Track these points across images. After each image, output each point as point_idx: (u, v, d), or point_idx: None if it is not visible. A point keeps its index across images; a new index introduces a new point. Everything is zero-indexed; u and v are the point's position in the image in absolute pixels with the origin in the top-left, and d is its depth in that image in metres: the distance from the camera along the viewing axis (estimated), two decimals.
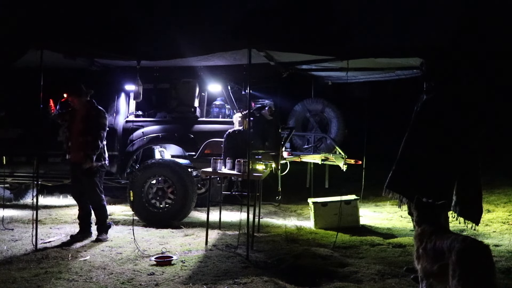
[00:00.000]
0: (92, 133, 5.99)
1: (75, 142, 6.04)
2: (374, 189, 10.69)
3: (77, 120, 6.08)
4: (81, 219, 6.19)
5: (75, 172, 6.11)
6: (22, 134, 7.83)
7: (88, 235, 6.12)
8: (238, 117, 7.02)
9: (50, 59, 6.01)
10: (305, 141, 8.79)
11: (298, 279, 4.61)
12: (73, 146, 6.06)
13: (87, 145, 5.93)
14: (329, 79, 8.91)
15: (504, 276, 4.58)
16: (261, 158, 6.62)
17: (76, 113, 6.14)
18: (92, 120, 6.04)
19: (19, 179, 8.18)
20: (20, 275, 4.50)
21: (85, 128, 6.01)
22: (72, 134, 6.08)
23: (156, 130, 7.59)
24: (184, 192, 7.03)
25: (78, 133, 6.02)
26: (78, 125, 6.06)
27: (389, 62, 6.94)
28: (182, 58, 6.32)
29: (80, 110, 6.12)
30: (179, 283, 4.37)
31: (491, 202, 8.89)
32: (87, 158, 5.93)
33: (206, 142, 7.30)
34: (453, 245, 3.27)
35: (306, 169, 8.91)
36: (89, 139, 5.95)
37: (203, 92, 7.88)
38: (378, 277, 4.58)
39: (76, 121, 6.10)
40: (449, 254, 3.27)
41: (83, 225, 6.18)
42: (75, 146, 6.04)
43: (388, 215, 8.28)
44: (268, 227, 7.23)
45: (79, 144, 5.98)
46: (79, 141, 5.99)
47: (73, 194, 6.30)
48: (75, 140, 6.05)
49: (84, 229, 6.16)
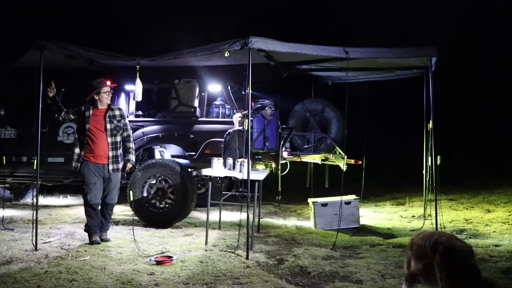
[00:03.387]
0: (123, 133, 6.05)
1: (102, 143, 5.91)
2: (374, 189, 10.74)
3: (101, 119, 5.94)
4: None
5: (100, 174, 5.93)
6: (22, 134, 7.84)
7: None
8: (238, 117, 7.02)
9: (50, 59, 6.01)
10: (305, 141, 8.79)
11: (298, 279, 4.62)
12: (98, 146, 5.90)
13: (126, 146, 6.07)
14: (329, 79, 8.92)
15: (504, 276, 4.58)
16: (261, 158, 6.63)
17: (97, 112, 5.96)
18: (119, 119, 6.03)
19: (19, 179, 8.18)
20: (20, 275, 4.50)
21: (114, 128, 5.97)
22: (95, 134, 5.90)
23: (156, 130, 7.59)
24: (184, 192, 7.02)
25: (106, 133, 5.92)
26: (103, 124, 5.93)
27: (389, 62, 6.94)
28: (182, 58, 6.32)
29: (102, 108, 5.99)
30: (179, 283, 4.37)
31: (491, 202, 8.90)
32: (130, 159, 6.06)
33: (206, 142, 7.31)
34: (437, 246, 3.26)
35: (306, 169, 8.92)
36: (118, 139, 6.00)
37: (203, 92, 7.88)
38: (378, 277, 4.58)
39: (98, 120, 5.93)
40: (432, 254, 3.27)
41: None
42: (102, 146, 5.91)
43: (388, 215, 8.28)
44: (268, 227, 7.23)
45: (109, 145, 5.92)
46: (108, 141, 5.92)
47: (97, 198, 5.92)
48: (102, 140, 5.91)
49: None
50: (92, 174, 5.89)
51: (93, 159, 5.90)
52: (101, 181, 5.96)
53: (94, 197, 5.90)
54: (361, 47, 6.21)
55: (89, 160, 5.89)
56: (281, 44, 5.73)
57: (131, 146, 6.16)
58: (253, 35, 5.38)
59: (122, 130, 6.09)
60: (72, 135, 7.71)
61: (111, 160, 5.97)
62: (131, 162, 6.16)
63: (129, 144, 6.15)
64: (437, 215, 6.03)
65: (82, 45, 6.28)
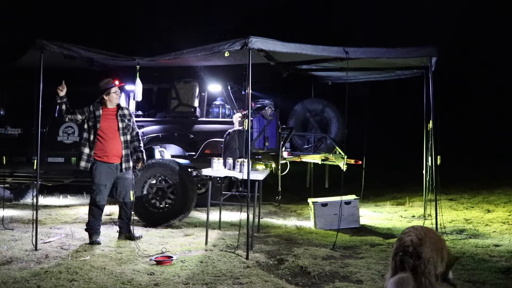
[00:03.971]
0: (132, 132, 6.11)
1: (116, 142, 5.93)
2: (374, 189, 10.74)
3: (112, 118, 5.95)
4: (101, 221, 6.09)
5: (112, 175, 5.94)
6: (22, 134, 7.85)
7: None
8: (238, 117, 7.02)
9: (50, 59, 6.01)
10: (305, 141, 8.79)
11: (298, 279, 4.62)
12: (112, 146, 5.90)
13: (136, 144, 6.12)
14: (329, 79, 8.93)
15: (504, 276, 4.58)
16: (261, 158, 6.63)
17: (108, 111, 5.98)
18: (129, 118, 6.09)
19: (19, 179, 8.18)
20: (20, 275, 4.50)
21: (126, 126, 6.01)
22: (108, 133, 5.90)
23: (156, 130, 7.59)
24: (184, 192, 7.03)
25: (119, 132, 5.95)
26: (115, 123, 5.96)
27: (389, 62, 6.94)
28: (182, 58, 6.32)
29: (112, 108, 6.01)
30: (179, 283, 4.37)
31: (491, 202, 8.90)
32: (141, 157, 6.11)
33: (206, 142, 7.31)
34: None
35: (306, 169, 8.92)
36: (129, 138, 6.05)
37: (203, 92, 7.88)
38: (378, 277, 4.58)
39: (109, 119, 5.94)
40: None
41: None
42: (115, 145, 5.93)
43: (388, 215, 8.28)
44: (268, 227, 7.23)
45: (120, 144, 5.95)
46: (121, 140, 5.96)
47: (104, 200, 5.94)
48: (115, 139, 5.92)
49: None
50: (104, 175, 5.88)
51: (106, 159, 5.90)
52: (111, 182, 5.97)
53: (103, 198, 5.92)
54: (361, 47, 6.21)
55: (102, 160, 5.88)
56: (281, 44, 5.73)
57: (141, 144, 6.24)
58: (253, 35, 5.39)
59: (132, 129, 6.15)
60: (72, 135, 7.71)
61: (124, 159, 6.01)
62: (143, 160, 6.22)
63: (139, 142, 6.23)
64: (437, 215, 6.03)
65: (82, 45, 6.28)
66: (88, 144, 5.90)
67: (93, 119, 5.91)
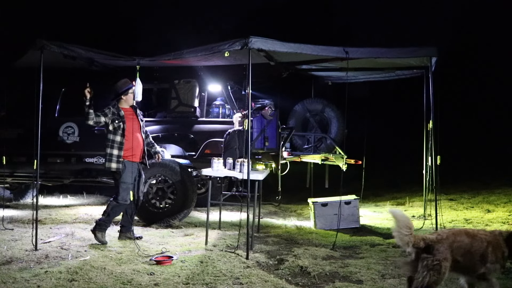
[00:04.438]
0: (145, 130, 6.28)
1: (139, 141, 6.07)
2: (374, 189, 10.75)
3: (134, 118, 6.08)
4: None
5: (135, 173, 6.04)
6: (22, 134, 7.84)
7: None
8: (238, 117, 7.02)
9: (50, 59, 6.01)
10: (305, 141, 8.79)
11: (298, 279, 4.62)
12: (136, 145, 6.02)
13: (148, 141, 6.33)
14: (329, 79, 8.92)
15: (504, 276, 4.58)
16: (261, 158, 6.63)
17: (127, 111, 6.08)
18: (141, 118, 6.22)
19: (19, 179, 8.17)
20: (20, 275, 4.50)
21: (143, 125, 6.22)
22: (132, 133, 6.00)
23: (156, 130, 7.59)
24: (184, 192, 7.03)
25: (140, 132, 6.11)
26: (137, 123, 6.10)
27: (389, 62, 6.94)
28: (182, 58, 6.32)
29: (128, 108, 6.12)
30: (179, 283, 4.37)
31: (491, 202, 8.90)
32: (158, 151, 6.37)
33: (206, 142, 7.31)
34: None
35: (306, 169, 8.92)
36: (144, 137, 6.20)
37: (203, 92, 7.88)
38: (378, 277, 4.59)
39: (131, 119, 6.06)
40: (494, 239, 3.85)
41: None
42: (139, 145, 6.07)
43: (388, 215, 8.27)
44: (268, 227, 7.23)
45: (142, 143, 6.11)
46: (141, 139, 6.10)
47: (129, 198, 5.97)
48: (138, 138, 6.07)
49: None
50: (131, 174, 5.98)
51: (132, 158, 6.00)
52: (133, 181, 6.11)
53: (128, 197, 5.97)
54: (361, 47, 6.21)
55: (130, 160, 5.98)
56: (281, 44, 5.73)
57: (153, 141, 6.47)
58: (253, 35, 5.38)
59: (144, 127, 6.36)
60: (72, 135, 7.71)
61: (144, 156, 6.17)
62: (160, 154, 6.46)
63: (151, 139, 6.45)
64: (437, 215, 6.03)
65: (82, 45, 6.28)
66: (116, 145, 5.92)
67: (118, 120, 5.95)
